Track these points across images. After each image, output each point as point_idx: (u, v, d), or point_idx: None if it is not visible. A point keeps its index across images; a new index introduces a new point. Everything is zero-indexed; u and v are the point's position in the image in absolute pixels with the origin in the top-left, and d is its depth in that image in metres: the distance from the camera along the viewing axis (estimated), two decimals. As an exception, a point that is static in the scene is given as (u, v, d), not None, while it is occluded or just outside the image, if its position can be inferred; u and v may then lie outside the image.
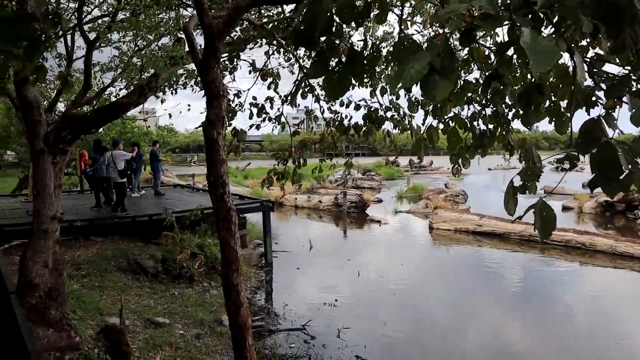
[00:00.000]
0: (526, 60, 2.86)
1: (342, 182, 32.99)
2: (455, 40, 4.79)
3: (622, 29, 1.87)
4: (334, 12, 1.94)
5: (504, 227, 18.27)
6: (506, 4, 1.76)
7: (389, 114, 5.55)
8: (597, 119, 2.23)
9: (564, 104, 3.20)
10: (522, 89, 3.67)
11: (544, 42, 1.61)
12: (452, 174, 5.18)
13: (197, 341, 8.40)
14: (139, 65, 8.46)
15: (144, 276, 11.13)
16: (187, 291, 10.90)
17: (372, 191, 32.33)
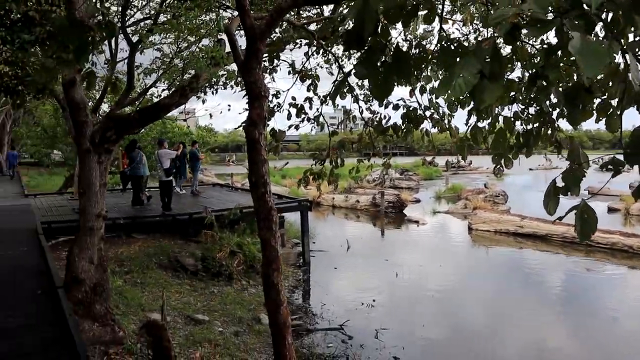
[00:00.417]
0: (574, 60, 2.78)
1: (379, 182, 32.85)
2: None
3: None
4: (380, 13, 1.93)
5: (546, 228, 17.85)
6: (556, 7, 1.71)
7: (428, 114, 5.50)
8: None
9: (614, 102, 3.09)
10: (568, 87, 3.57)
11: (594, 46, 1.56)
12: (493, 174, 5.09)
13: (235, 338, 8.51)
14: (181, 66, 8.60)
15: (184, 273, 11.34)
16: (225, 289, 11.04)
17: (409, 191, 32.07)
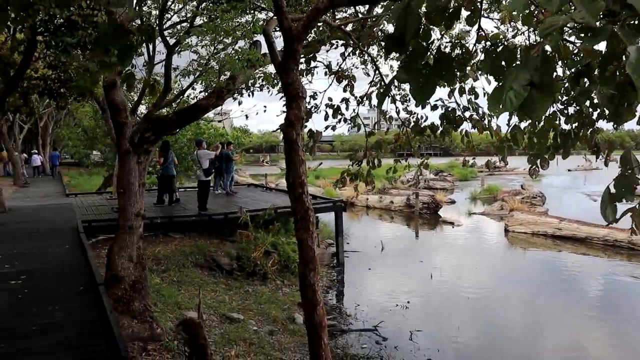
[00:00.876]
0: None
1: (414, 183, 32.56)
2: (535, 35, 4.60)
3: None
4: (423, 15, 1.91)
5: (586, 231, 17.41)
6: (607, 13, 1.64)
7: (467, 114, 5.43)
8: None
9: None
10: (612, 86, 3.46)
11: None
12: (528, 175, 4.99)
13: (270, 338, 8.57)
14: (217, 68, 8.70)
15: (220, 272, 11.49)
16: (260, 288, 11.14)
17: (444, 192, 31.71)
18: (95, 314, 5.99)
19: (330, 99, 6.27)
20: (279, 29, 4.39)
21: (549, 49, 1.82)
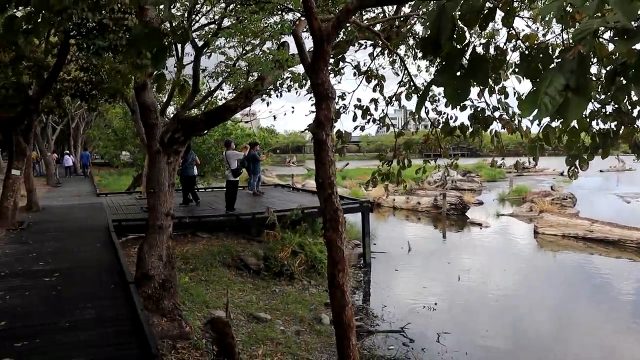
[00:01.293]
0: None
1: (441, 184, 32.27)
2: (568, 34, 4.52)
3: None
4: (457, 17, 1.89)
5: (619, 233, 17.00)
6: None
7: (497, 114, 5.36)
8: None
9: None
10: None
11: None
12: (559, 176, 4.90)
13: (296, 337, 8.59)
14: (245, 69, 8.77)
15: (247, 272, 11.57)
16: (287, 288, 11.17)
17: (472, 193, 31.37)
18: (126, 311, 6.10)
19: (359, 100, 6.26)
20: (308, 30, 4.40)
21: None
